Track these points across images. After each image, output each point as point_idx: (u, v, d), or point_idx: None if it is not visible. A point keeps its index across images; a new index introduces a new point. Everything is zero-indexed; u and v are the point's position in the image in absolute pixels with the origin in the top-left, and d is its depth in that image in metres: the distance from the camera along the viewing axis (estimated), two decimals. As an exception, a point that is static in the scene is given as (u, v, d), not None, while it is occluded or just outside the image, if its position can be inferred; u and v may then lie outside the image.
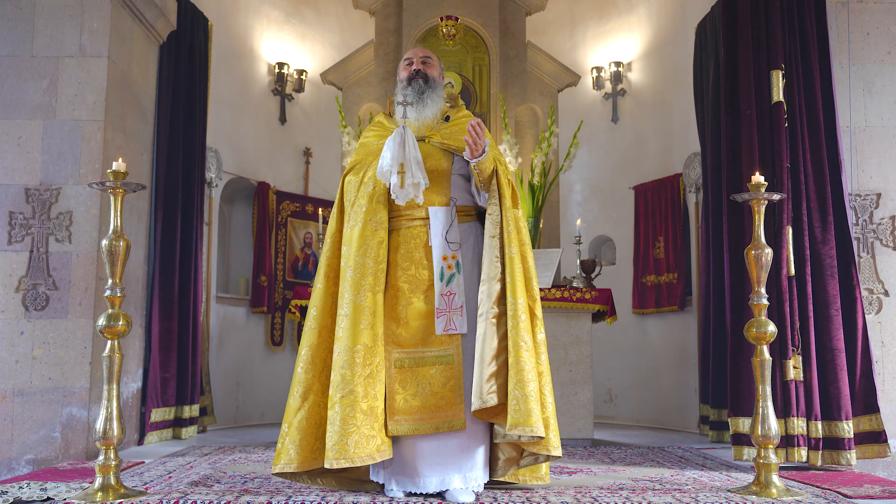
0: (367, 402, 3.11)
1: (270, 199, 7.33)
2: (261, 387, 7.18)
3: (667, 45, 7.24)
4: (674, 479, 3.83)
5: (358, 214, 3.33)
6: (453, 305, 3.28)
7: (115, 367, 3.34)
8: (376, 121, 3.70)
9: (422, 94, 3.46)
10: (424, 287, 3.29)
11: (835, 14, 4.92)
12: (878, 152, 4.87)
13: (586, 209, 7.78)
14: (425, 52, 3.62)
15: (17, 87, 4.79)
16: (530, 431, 3.02)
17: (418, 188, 3.20)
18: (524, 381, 3.07)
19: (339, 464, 3.06)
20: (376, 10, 7.95)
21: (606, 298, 5.49)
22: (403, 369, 3.24)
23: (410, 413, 3.20)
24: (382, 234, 3.30)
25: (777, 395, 4.25)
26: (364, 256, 3.25)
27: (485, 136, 3.26)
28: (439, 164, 3.38)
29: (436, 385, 3.22)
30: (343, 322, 3.21)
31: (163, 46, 5.60)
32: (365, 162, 3.46)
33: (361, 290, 3.21)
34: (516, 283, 3.20)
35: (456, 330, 3.26)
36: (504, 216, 3.30)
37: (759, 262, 3.60)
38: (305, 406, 3.25)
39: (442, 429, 3.18)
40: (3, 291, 4.65)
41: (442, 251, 3.31)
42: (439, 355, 3.25)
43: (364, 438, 3.08)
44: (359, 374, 3.12)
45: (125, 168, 3.39)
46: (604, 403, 7.37)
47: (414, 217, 3.35)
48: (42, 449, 4.53)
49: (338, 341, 3.21)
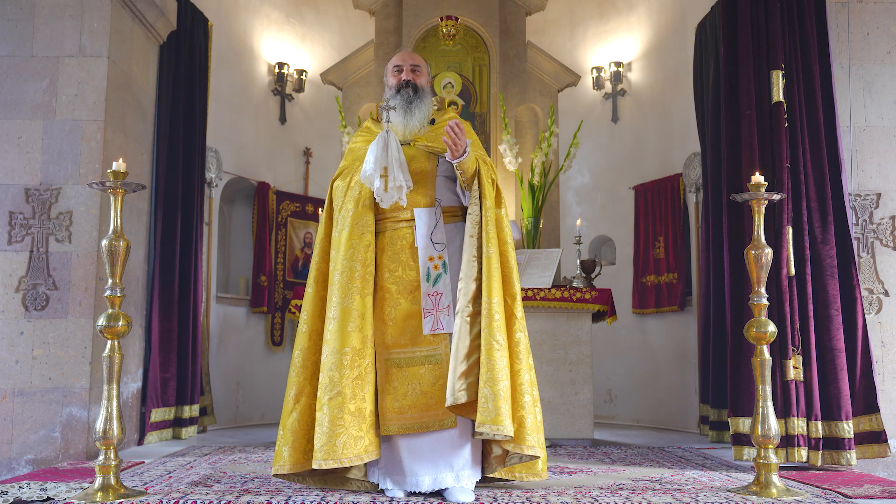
0: (354, 403, 3.16)
1: (270, 199, 7.33)
2: (261, 387, 7.17)
3: (667, 45, 7.24)
4: (674, 479, 3.83)
5: (345, 218, 3.37)
6: (440, 305, 3.31)
7: (115, 367, 3.34)
8: (365, 126, 3.73)
9: (410, 104, 3.48)
10: (411, 288, 3.32)
11: (835, 14, 4.92)
12: (878, 152, 4.88)
13: (586, 209, 7.78)
14: (414, 60, 3.62)
15: (17, 87, 4.79)
16: (496, 430, 3.06)
17: (401, 191, 3.25)
18: (494, 380, 3.09)
19: (328, 464, 3.11)
20: (376, 10, 7.95)
21: (606, 298, 5.49)
22: (393, 370, 3.28)
23: (401, 412, 3.24)
24: (369, 238, 3.34)
25: (777, 395, 4.25)
26: (352, 260, 3.29)
27: (465, 136, 3.28)
28: (423, 166, 3.42)
29: (425, 384, 3.26)
30: (331, 325, 3.25)
31: (163, 46, 5.60)
32: (352, 167, 3.51)
33: (349, 293, 3.26)
34: (492, 282, 3.22)
35: (443, 329, 3.29)
36: (484, 216, 3.32)
37: (759, 262, 3.60)
38: (297, 408, 3.31)
39: (432, 427, 3.22)
40: (3, 291, 4.65)
41: (427, 252, 3.34)
42: (428, 355, 3.29)
43: (352, 439, 3.13)
44: (347, 376, 3.17)
45: (125, 168, 3.39)
46: (604, 403, 7.37)
47: (399, 219, 3.39)
48: (42, 449, 4.53)
49: (326, 344, 3.26)
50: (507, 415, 3.08)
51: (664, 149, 7.18)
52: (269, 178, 7.40)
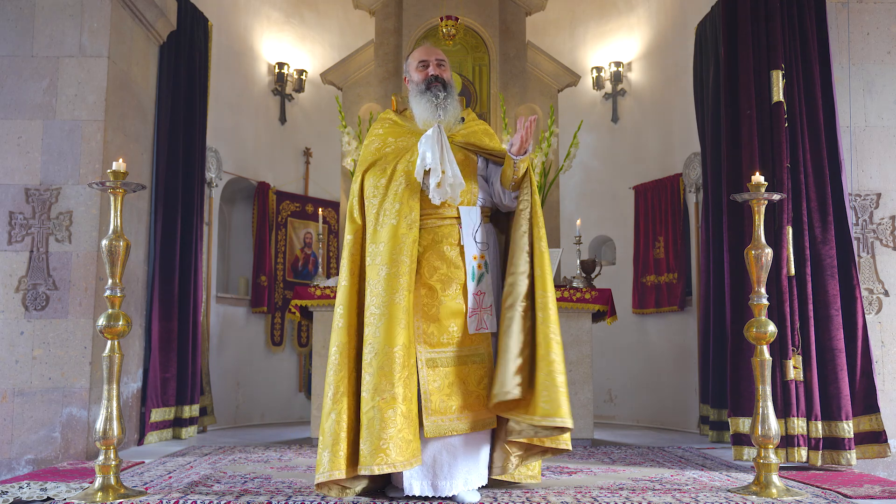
0: (405, 404, 3.05)
1: (270, 199, 7.33)
2: (261, 387, 7.18)
3: (667, 45, 7.24)
4: (674, 479, 3.83)
5: (390, 212, 3.26)
6: (484, 304, 3.28)
7: (115, 367, 3.34)
8: (386, 118, 3.63)
9: (443, 101, 3.42)
10: (456, 286, 3.27)
11: (835, 14, 4.92)
12: (878, 152, 4.88)
13: (586, 209, 7.78)
14: (438, 55, 3.56)
15: (17, 87, 4.79)
16: (560, 423, 3.05)
17: (455, 189, 3.20)
18: (554, 373, 3.08)
19: (382, 469, 2.98)
20: (376, 10, 7.94)
21: (606, 298, 5.49)
22: (437, 369, 3.20)
23: (447, 413, 3.15)
24: (416, 233, 3.25)
25: (777, 395, 4.25)
26: (399, 254, 3.19)
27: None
28: (466, 164, 3.38)
29: (471, 384, 3.20)
30: (379, 322, 3.12)
31: (163, 46, 5.60)
32: (387, 158, 3.40)
33: (398, 289, 3.14)
34: (546, 276, 3.23)
35: (487, 329, 3.27)
36: (534, 211, 3.34)
37: (759, 262, 3.60)
38: (336, 409, 3.12)
39: (477, 428, 3.18)
40: (3, 291, 4.65)
41: (472, 250, 3.31)
42: (472, 354, 3.24)
43: (405, 443, 3.01)
44: (399, 376, 3.05)
45: (125, 168, 3.39)
46: (604, 403, 7.37)
47: (444, 216, 3.33)
48: (42, 449, 4.53)
49: (369, 341, 3.13)
50: (568, 409, 3.08)
51: (664, 149, 7.18)
52: (269, 178, 7.40)
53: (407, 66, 3.60)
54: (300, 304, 5.36)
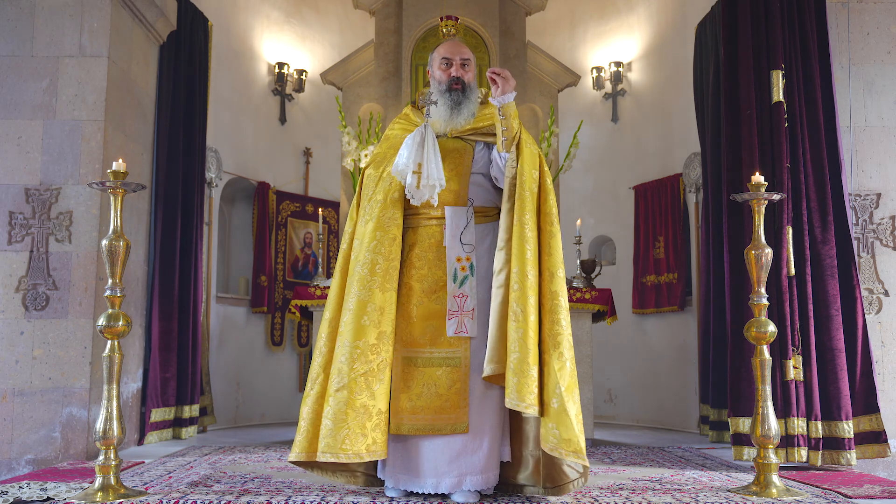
0: (360, 399, 3.08)
1: (270, 199, 7.33)
2: (261, 387, 7.18)
3: (667, 45, 7.24)
4: (674, 479, 3.83)
5: (373, 210, 3.28)
6: (465, 308, 3.25)
7: (115, 367, 3.34)
8: (404, 113, 3.62)
9: (459, 105, 3.37)
10: (436, 287, 3.26)
11: (835, 14, 4.92)
12: (878, 152, 4.88)
13: (586, 209, 7.78)
14: (463, 53, 3.43)
15: (17, 87, 4.79)
16: (514, 402, 3.01)
17: (434, 190, 3.16)
18: (507, 352, 3.09)
19: (327, 458, 3.06)
20: (376, 10, 7.94)
21: (606, 298, 5.49)
22: (410, 368, 3.22)
23: (414, 413, 3.18)
24: (395, 232, 3.25)
25: (777, 395, 4.25)
26: (375, 253, 3.21)
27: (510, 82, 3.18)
28: (459, 162, 3.34)
29: (441, 387, 3.19)
30: (346, 316, 3.18)
31: (163, 46, 5.60)
32: (386, 155, 3.40)
33: (368, 287, 3.17)
34: (524, 254, 3.14)
35: (466, 333, 3.23)
36: (520, 180, 3.20)
37: (759, 262, 3.60)
38: (311, 395, 3.22)
39: (444, 431, 3.16)
40: (3, 291, 4.65)
41: (455, 252, 3.27)
42: (447, 357, 3.22)
43: (353, 435, 3.06)
44: (355, 370, 3.10)
45: (125, 168, 3.39)
46: (604, 403, 7.37)
47: (430, 216, 3.32)
48: (42, 449, 4.53)
49: (340, 335, 3.19)
50: (515, 387, 3.00)
51: (664, 149, 7.18)
52: (269, 178, 7.40)
53: (431, 60, 3.51)
54: (300, 304, 5.36)
